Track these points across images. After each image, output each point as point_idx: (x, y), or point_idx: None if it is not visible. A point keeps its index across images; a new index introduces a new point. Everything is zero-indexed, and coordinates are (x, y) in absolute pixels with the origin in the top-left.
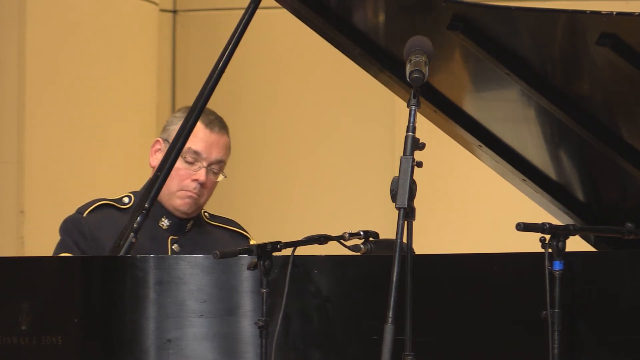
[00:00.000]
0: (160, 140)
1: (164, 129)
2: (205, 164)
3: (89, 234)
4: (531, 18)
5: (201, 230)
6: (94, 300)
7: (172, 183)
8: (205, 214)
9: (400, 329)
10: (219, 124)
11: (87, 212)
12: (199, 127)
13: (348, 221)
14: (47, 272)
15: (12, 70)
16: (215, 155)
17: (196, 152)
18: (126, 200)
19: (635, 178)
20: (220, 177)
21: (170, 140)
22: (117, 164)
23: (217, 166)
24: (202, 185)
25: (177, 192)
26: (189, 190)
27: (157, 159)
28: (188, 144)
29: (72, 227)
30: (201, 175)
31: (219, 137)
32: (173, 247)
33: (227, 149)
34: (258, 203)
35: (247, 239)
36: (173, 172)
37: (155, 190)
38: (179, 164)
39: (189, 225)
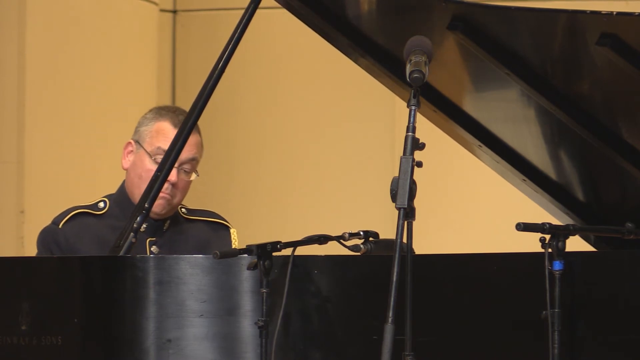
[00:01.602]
0: (132, 142)
1: (135, 131)
2: (176, 164)
3: (65, 245)
4: (531, 18)
5: (179, 229)
6: (94, 300)
7: (143, 184)
8: (183, 209)
9: (400, 329)
10: None
11: (62, 222)
12: (168, 127)
13: (348, 221)
14: (47, 272)
15: (12, 70)
16: (186, 154)
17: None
18: (101, 205)
19: (635, 178)
20: (193, 176)
21: (142, 142)
22: (117, 164)
23: (189, 165)
24: (174, 185)
25: None
26: (161, 191)
27: (129, 161)
28: (158, 144)
29: (48, 239)
30: (173, 175)
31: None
32: (152, 249)
33: (199, 147)
34: (258, 203)
35: (227, 227)
36: (144, 173)
37: (155, 190)
38: (150, 165)
39: (166, 225)
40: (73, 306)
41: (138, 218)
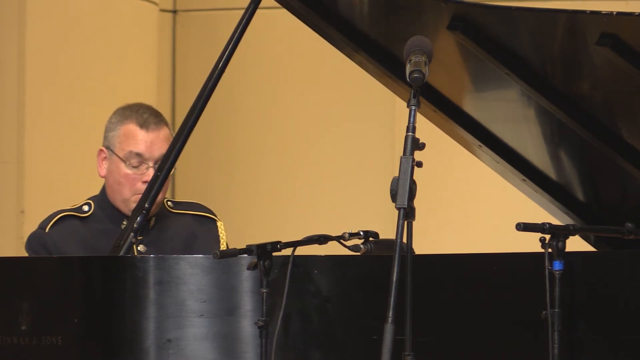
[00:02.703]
0: (104, 148)
1: (105, 137)
2: (151, 163)
3: (53, 249)
4: (531, 18)
5: (164, 224)
6: (94, 300)
7: (124, 190)
8: (168, 203)
9: (400, 329)
10: (153, 119)
11: (48, 227)
12: (134, 129)
13: (348, 221)
14: (47, 272)
15: (12, 70)
16: (158, 151)
17: (139, 154)
18: (86, 208)
19: (635, 178)
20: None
21: (113, 147)
22: None
23: None
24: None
25: (132, 197)
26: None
27: (105, 168)
28: (129, 148)
29: (36, 244)
30: (150, 175)
31: (157, 132)
32: (139, 248)
33: (169, 139)
34: (258, 203)
35: (214, 221)
36: (122, 179)
37: (155, 191)
38: (126, 169)
39: (151, 222)
40: (73, 306)
41: (138, 218)
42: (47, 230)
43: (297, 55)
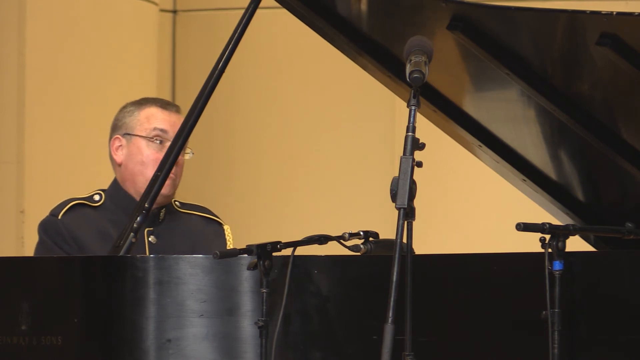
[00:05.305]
0: (119, 136)
1: (118, 126)
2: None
3: (68, 236)
4: (531, 18)
5: (174, 219)
6: (94, 300)
7: (147, 170)
8: (176, 202)
9: (400, 329)
10: (173, 105)
11: (61, 214)
12: (156, 110)
13: (348, 221)
14: (47, 272)
15: (12, 70)
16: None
17: (163, 130)
18: (97, 197)
19: (635, 178)
20: (188, 155)
21: (132, 131)
22: None
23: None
24: (176, 164)
25: None
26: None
27: (122, 154)
28: (152, 125)
29: (50, 229)
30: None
31: (177, 115)
32: (149, 238)
33: None
34: (258, 203)
35: (220, 225)
36: (145, 159)
37: (156, 190)
38: (147, 150)
39: (161, 214)
40: (73, 306)
41: (138, 218)
42: (59, 217)
43: (297, 55)
